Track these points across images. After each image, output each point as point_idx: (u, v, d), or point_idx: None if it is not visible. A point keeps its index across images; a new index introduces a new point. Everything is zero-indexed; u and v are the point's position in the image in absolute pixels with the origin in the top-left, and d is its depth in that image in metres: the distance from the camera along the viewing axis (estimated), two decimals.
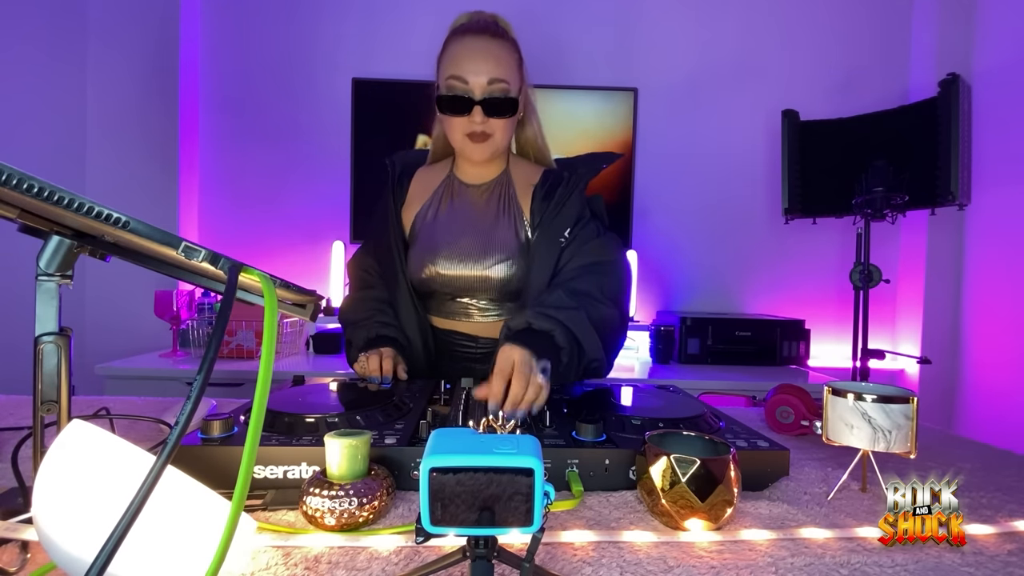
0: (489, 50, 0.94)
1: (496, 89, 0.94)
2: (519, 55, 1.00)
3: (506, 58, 0.95)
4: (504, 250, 0.99)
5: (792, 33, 2.38)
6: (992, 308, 2.11)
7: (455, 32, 0.98)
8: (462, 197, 1.05)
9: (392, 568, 0.44)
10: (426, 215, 1.04)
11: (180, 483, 0.41)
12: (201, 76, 2.34)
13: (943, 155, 1.87)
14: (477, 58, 0.93)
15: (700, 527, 0.50)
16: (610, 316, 0.90)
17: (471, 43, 0.94)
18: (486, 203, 1.03)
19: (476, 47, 0.94)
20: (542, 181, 1.03)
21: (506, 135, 1.00)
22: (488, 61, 0.93)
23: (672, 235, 2.42)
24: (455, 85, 0.94)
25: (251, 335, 1.93)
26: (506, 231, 1.01)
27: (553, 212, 0.98)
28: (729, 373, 2.00)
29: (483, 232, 1.00)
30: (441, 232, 1.01)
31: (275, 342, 0.40)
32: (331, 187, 2.34)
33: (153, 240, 0.41)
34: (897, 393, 0.58)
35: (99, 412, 0.76)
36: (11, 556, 0.43)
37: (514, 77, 0.96)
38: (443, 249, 1.00)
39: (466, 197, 1.05)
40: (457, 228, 1.01)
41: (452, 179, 1.06)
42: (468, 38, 0.95)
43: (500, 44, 0.96)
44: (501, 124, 0.97)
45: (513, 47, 0.98)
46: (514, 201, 1.03)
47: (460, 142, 0.99)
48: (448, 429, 0.40)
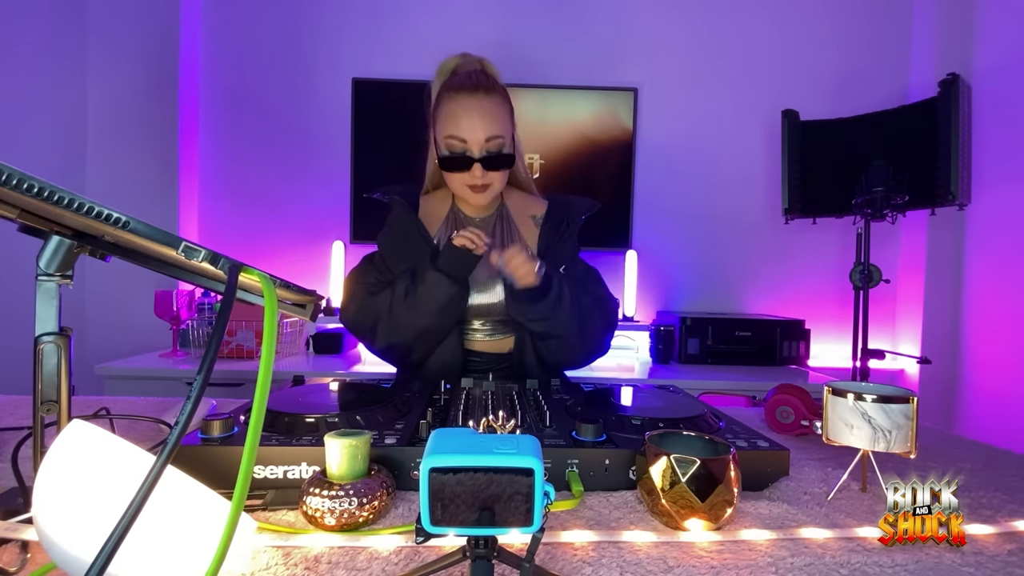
0: (484, 108, 0.98)
1: (493, 145, 0.99)
2: (509, 104, 1.04)
3: (500, 114, 1.00)
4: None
5: (792, 33, 2.38)
6: (992, 308, 2.11)
7: (448, 88, 1.01)
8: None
9: (392, 568, 0.44)
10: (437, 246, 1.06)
11: (180, 483, 0.41)
12: (201, 76, 2.34)
13: (943, 155, 1.87)
14: (474, 117, 0.97)
15: (700, 527, 0.50)
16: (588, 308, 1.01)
17: (466, 103, 0.98)
18: (490, 235, 1.08)
19: (471, 107, 0.98)
20: (547, 216, 1.10)
21: (503, 181, 1.05)
22: (484, 119, 0.98)
23: (672, 235, 2.42)
24: (454, 145, 0.99)
25: (251, 335, 1.93)
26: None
27: (557, 247, 1.07)
28: (729, 373, 2.00)
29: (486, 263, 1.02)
30: None
31: (275, 342, 0.40)
32: (331, 187, 2.34)
33: (153, 240, 0.41)
34: (897, 393, 0.58)
35: (99, 412, 0.76)
36: (11, 556, 0.43)
37: (508, 130, 1.01)
38: None
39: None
40: None
41: (456, 212, 1.11)
42: (463, 97, 0.99)
43: (493, 100, 1.00)
44: (499, 175, 1.02)
45: (503, 98, 1.02)
46: (515, 231, 1.10)
47: (461, 191, 1.04)
48: (448, 429, 0.40)
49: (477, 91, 0.99)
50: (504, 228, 1.10)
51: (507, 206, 1.13)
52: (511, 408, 0.74)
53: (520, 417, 0.70)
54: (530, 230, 1.10)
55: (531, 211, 1.13)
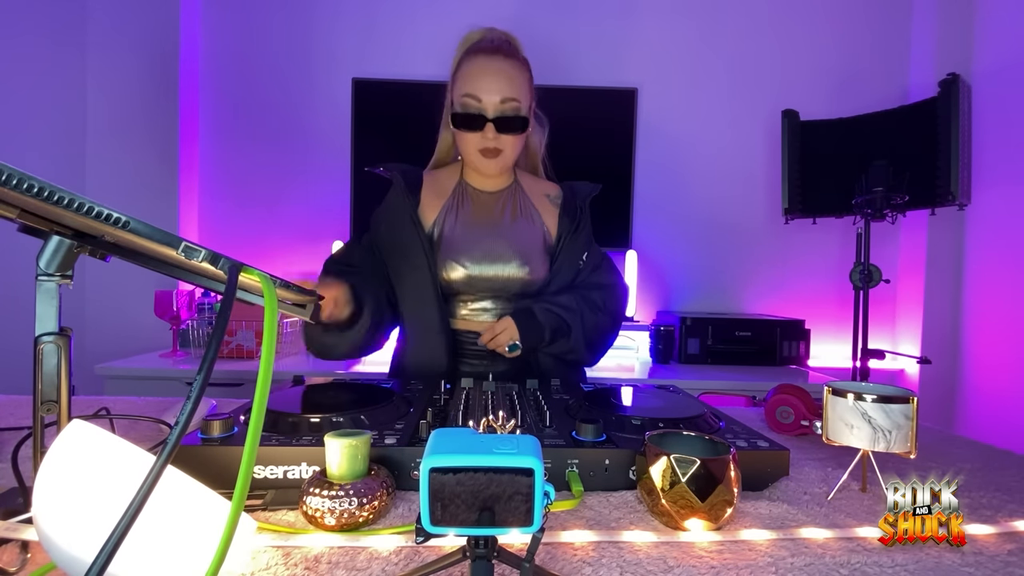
0: (502, 70, 0.99)
1: (508, 107, 0.99)
2: (529, 74, 1.03)
3: (518, 77, 1.00)
4: (528, 250, 1.05)
5: (792, 33, 2.38)
6: (992, 308, 2.11)
7: (469, 51, 1.02)
8: (477, 202, 1.08)
9: (392, 568, 0.44)
10: (445, 219, 1.06)
11: (180, 483, 0.41)
12: (201, 76, 2.34)
13: (943, 155, 1.86)
14: (490, 77, 0.98)
15: (700, 527, 0.50)
16: (603, 324, 1.05)
17: (485, 63, 0.99)
18: (502, 208, 1.09)
19: (490, 67, 0.98)
20: (565, 202, 1.11)
21: (515, 150, 1.04)
22: (501, 80, 0.98)
23: (672, 235, 2.42)
24: (469, 103, 0.99)
25: (251, 335, 1.93)
26: (528, 233, 1.07)
27: (575, 237, 1.09)
28: (729, 373, 2.00)
29: (504, 235, 1.05)
30: (464, 235, 1.05)
31: (275, 342, 0.40)
32: (331, 187, 2.34)
33: (153, 240, 0.41)
34: (897, 393, 0.58)
35: (99, 412, 0.76)
36: (11, 556, 0.43)
37: (525, 95, 1.01)
38: (470, 251, 1.03)
39: (481, 203, 1.08)
40: (479, 231, 1.05)
41: (464, 184, 1.10)
42: (482, 58, 0.99)
43: (512, 64, 1.00)
44: (511, 140, 1.02)
45: (524, 66, 1.03)
46: (531, 208, 1.10)
47: (472, 156, 1.03)
48: (448, 429, 0.40)
49: (497, 53, 1.00)
50: (518, 203, 1.09)
51: (521, 184, 1.12)
52: (511, 408, 0.74)
53: (520, 417, 0.70)
54: (547, 208, 1.11)
55: (545, 190, 1.13)
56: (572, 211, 1.09)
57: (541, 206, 1.11)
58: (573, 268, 1.08)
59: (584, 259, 1.08)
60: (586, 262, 1.09)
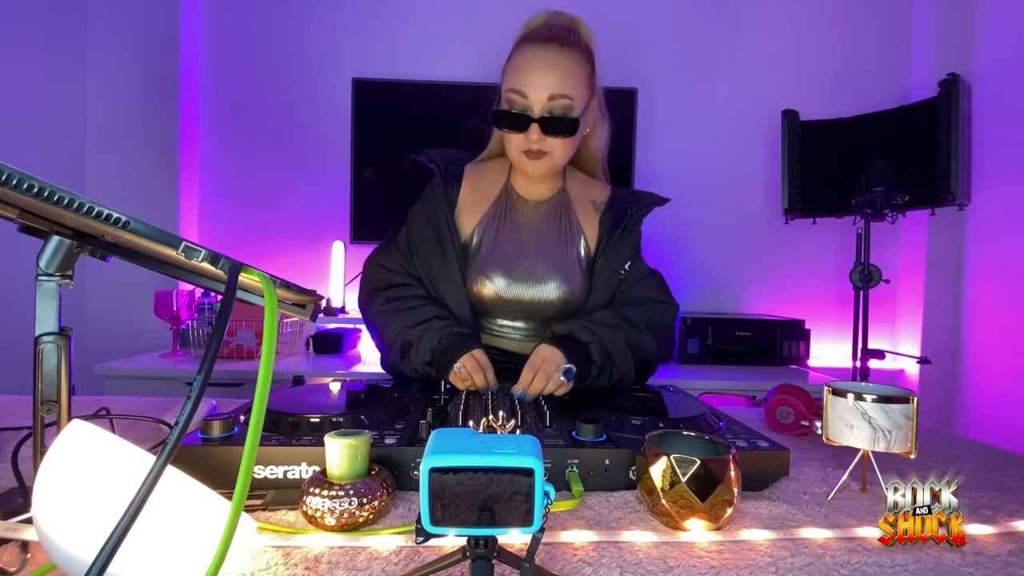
0: (554, 61, 0.87)
1: (557, 106, 0.88)
2: (590, 65, 0.93)
3: (572, 70, 0.88)
4: (565, 273, 0.97)
5: (792, 33, 2.38)
6: (992, 308, 2.11)
7: (523, 39, 0.91)
8: (522, 214, 1.00)
9: (392, 568, 0.44)
10: (485, 230, 0.98)
11: (180, 483, 0.41)
12: (201, 76, 2.34)
13: (943, 155, 1.86)
14: (540, 71, 0.87)
15: (700, 527, 0.50)
16: (647, 347, 0.94)
17: (536, 53, 0.88)
18: (546, 222, 0.99)
19: (540, 58, 0.87)
20: (609, 206, 1.01)
21: (565, 154, 0.94)
22: (551, 75, 0.87)
23: (672, 235, 2.42)
24: (514, 99, 0.89)
25: (251, 335, 1.93)
26: (566, 253, 0.98)
27: (618, 243, 0.99)
28: (729, 373, 2.00)
29: (543, 254, 0.96)
30: (502, 250, 0.97)
31: (275, 342, 0.40)
32: (331, 187, 2.34)
33: (153, 240, 0.41)
34: (897, 393, 0.58)
35: (99, 412, 0.76)
36: (11, 556, 0.43)
37: (580, 92, 0.89)
38: (503, 269, 0.95)
39: (525, 214, 1.00)
40: (518, 248, 0.97)
41: (509, 191, 1.01)
42: (534, 47, 0.88)
43: (567, 55, 0.89)
44: (560, 144, 0.91)
45: (583, 57, 0.91)
46: (574, 220, 1.01)
47: (516, 156, 0.94)
48: (448, 429, 0.40)
49: (551, 43, 0.88)
50: (562, 219, 0.99)
51: (568, 191, 1.01)
52: (511, 408, 0.74)
53: (520, 417, 0.70)
54: (590, 218, 1.01)
55: (592, 196, 1.03)
56: (616, 217, 1.00)
57: (584, 215, 1.01)
58: (613, 278, 0.99)
59: (627, 267, 0.99)
60: (628, 271, 1.00)
